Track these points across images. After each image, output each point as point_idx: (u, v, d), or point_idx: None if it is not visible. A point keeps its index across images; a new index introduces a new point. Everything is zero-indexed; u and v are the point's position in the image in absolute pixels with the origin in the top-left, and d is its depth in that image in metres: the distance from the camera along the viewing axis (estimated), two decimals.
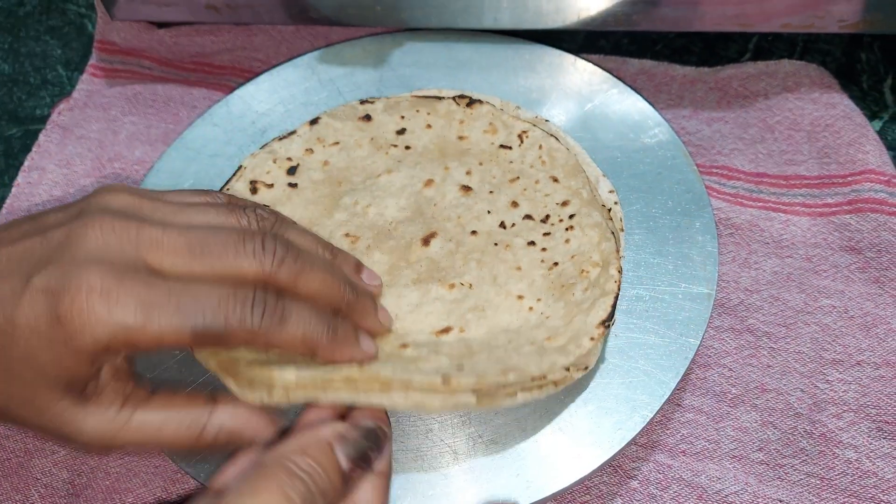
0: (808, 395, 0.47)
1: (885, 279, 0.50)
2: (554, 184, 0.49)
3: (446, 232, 0.48)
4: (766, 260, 0.52)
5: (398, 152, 0.52)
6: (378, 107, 0.54)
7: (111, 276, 0.34)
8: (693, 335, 0.45)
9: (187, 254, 0.36)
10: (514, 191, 0.49)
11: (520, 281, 0.45)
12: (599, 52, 0.64)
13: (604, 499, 0.45)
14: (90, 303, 0.33)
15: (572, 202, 0.48)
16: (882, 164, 0.54)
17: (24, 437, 0.50)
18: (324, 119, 0.54)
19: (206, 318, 0.35)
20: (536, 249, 0.47)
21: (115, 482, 0.48)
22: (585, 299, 0.43)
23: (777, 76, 0.59)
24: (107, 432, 0.36)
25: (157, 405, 0.37)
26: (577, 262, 0.45)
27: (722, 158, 0.57)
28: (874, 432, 0.46)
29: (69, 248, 0.35)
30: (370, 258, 0.47)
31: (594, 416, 0.43)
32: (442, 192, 0.50)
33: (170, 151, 0.55)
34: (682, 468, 0.45)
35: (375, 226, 0.49)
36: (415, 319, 0.44)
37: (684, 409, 0.47)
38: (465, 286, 0.45)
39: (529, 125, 0.52)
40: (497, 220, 0.48)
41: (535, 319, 0.44)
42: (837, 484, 0.44)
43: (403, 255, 0.47)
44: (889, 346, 0.48)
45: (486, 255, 0.47)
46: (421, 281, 0.46)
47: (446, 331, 0.44)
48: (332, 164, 0.52)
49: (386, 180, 0.51)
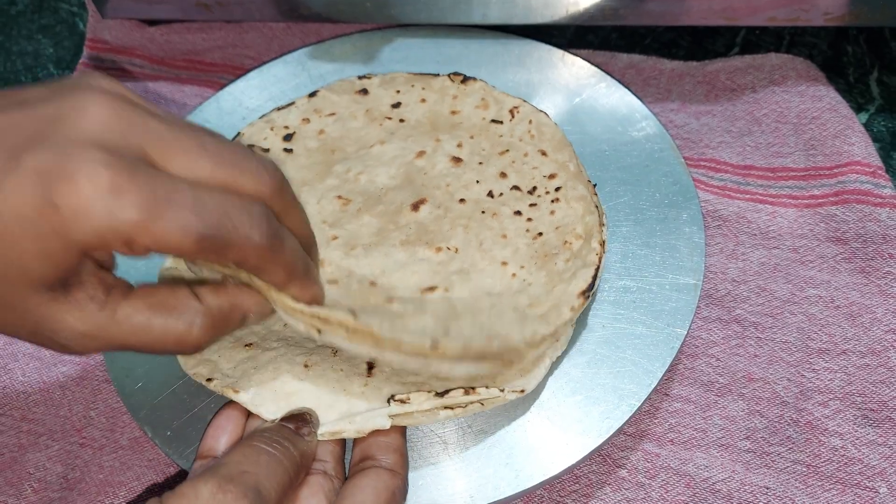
0: (794, 383, 0.48)
1: (871, 269, 0.51)
2: (542, 157, 0.50)
3: (435, 199, 0.49)
4: (754, 251, 0.53)
5: (392, 124, 0.53)
6: (375, 81, 0.55)
7: (117, 165, 0.30)
8: (680, 325, 0.45)
9: (197, 155, 0.33)
10: (503, 162, 0.50)
11: (504, 248, 0.46)
12: (588, 46, 0.64)
13: (593, 487, 0.46)
14: (92, 190, 0.29)
15: (559, 175, 0.49)
16: (867, 155, 0.54)
17: (17, 432, 0.50)
18: (322, 92, 0.55)
19: (215, 225, 0.32)
20: (522, 219, 0.47)
21: (109, 476, 0.48)
22: (567, 269, 0.44)
23: (764, 69, 0.60)
24: (92, 328, 0.33)
25: (142, 296, 0.35)
26: (561, 233, 0.46)
27: (710, 151, 0.57)
28: (860, 420, 0.46)
29: (64, 125, 0.31)
30: (360, 220, 0.48)
31: (582, 405, 0.43)
32: (433, 162, 0.51)
33: None
34: (670, 457, 0.46)
35: (366, 192, 0.49)
36: (401, 277, 0.45)
37: (672, 399, 0.48)
38: (451, 250, 0.46)
39: (520, 101, 0.53)
40: (485, 190, 0.49)
41: (517, 285, 0.45)
42: (823, 471, 0.45)
43: (392, 218, 0.48)
44: (874, 335, 0.49)
45: (473, 222, 0.47)
46: (409, 243, 0.46)
47: (431, 289, 0.44)
48: (328, 133, 0.53)
49: (378, 150, 0.52)
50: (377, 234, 0.47)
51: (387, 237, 0.47)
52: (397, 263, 0.46)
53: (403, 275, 0.45)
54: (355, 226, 0.48)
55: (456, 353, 0.40)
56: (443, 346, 0.39)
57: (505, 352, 0.41)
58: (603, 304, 0.47)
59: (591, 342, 0.45)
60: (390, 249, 0.46)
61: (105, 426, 0.50)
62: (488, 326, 0.41)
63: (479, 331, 0.41)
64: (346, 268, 0.45)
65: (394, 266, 0.45)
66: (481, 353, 0.40)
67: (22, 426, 0.50)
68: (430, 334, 0.40)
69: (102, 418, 0.50)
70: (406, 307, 0.43)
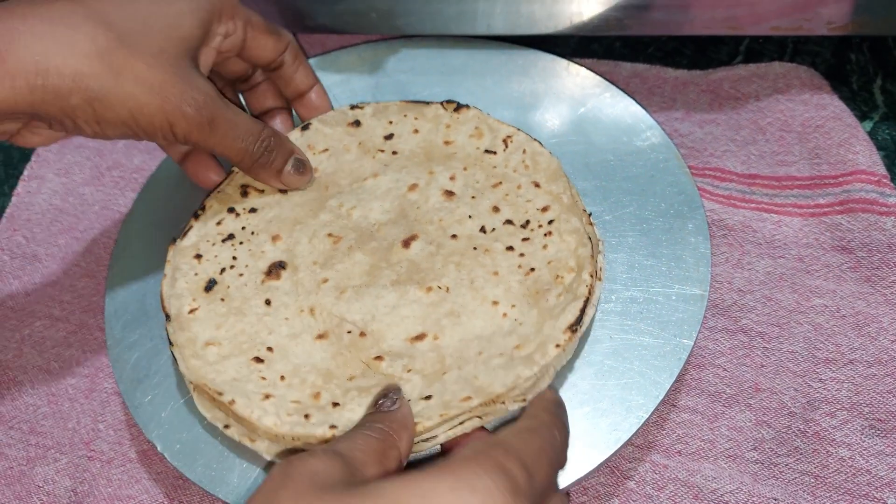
0: (801, 394, 0.48)
1: (877, 278, 0.51)
2: (535, 189, 0.50)
3: (427, 235, 0.48)
4: (759, 260, 0.53)
5: (385, 157, 0.53)
6: (367, 112, 0.55)
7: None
8: (687, 336, 0.45)
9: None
10: (497, 196, 0.50)
11: (496, 286, 0.46)
12: (592, 56, 0.64)
13: (601, 499, 0.46)
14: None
15: (552, 207, 0.48)
16: (872, 164, 0.54)
17: (25, 445, 0.50)
18: (314, 125, 0.54)
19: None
20: (515, 255, 0.47)
21: (118, 489, 0.48)
22: (558, 305, 0.44)
23: (768, 78, 0.60)
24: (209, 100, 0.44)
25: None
26: (554, 267, 0.46)
27: (714, 160, 0.57)
28: (867, 430, 0.46)
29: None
30: (352, 258, 0.48)
31: (590, 417, 0.43)
32: (425, 195, 0.50)
33: (168, 159, 0.56)
34: (677, 468, 0.46)
35: (359, 227, 0.49)
36: (390, 322, 0.45)
37: (679, 410, 0.48)
38: (442, 289, 0.46)
39: (514, 129, 0.52)
40: (478, 225, 0.49)
41: (507, 326, 0.45)
42: (831, 482, 0.45)
43: (384, 256, 0.48)
44: (881, 345, 0.49)
45: (466, 259, 0.47)
46: (400, 282, 0.46)
47: (420, 338, 0.45)
48: (322, 170, 0.53)
49: (372, 184, 0.51)
50: (368, 273, 0.47)
51: (378, 277, 0.47)
52: (388, 307, 0.46)
53: (393, 320, 0.45)
54: (347, 265, 0.48)
55: (434, 427, 0.41)
56: (420, 425, 0.40)
57: (486, 402, 0.41)
58: (610, 315, 0.47)
59: (598, 353, 0.45)
60: (381, 291, 0.46)
61: (113, 439, 0.50)
62: (471, 380, 0.42)
63: (463, 386, 0.42)
64: (338, 315, 0.46)
65: (384, 310, 0.46)
66: (459, 415, 0.41)
67: (30, 439, 0.51)
68: (417, 398, 0.42)
69: (111, 431, 0.51)
70: (395, 367, 0.43)
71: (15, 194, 0.61)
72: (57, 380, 0.53)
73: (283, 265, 0.48)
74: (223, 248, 0.49)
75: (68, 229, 0.59)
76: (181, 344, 0.45)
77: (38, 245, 0.59)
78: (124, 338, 0.49)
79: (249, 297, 0.47)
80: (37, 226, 0.60)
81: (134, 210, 0.55)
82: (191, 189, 0.54)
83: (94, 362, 0.53)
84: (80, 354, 0.54)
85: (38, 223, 0.60)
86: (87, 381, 0.52)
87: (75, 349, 0.54)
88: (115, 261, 0.52)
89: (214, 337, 0.46)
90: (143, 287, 0.51)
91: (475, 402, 0.41)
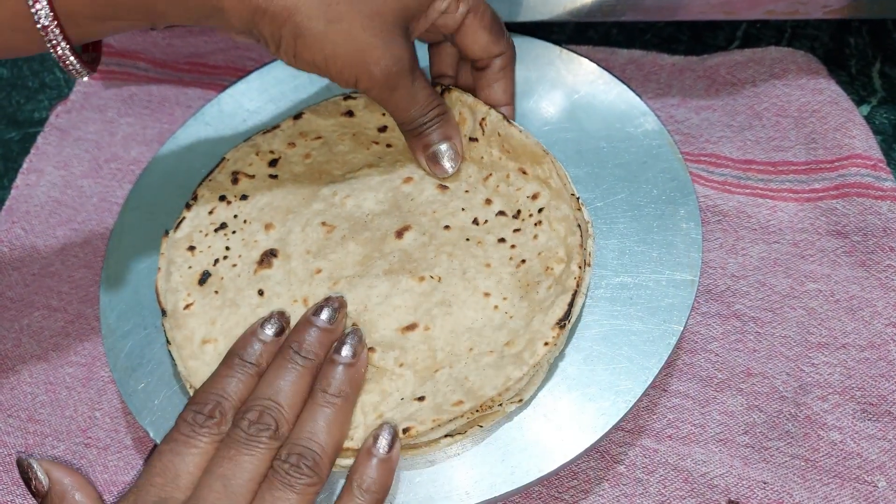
0: (793, 378, 0.48)
1: (871, 262, 0.50)
2: (523, 176, 0.49)
3: (420, 226, 0.48)
4: (754, 246, 0.53)
5: (380, 149, 0.53)
6: (360, 103, 0.55)
7: None
8: (676, 321, 0.45)
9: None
10: (489, 189, 0.50)
11: (488, 278, 0.46)
12: (588, 42, 0.64)
13: (591, 484, 0.46)
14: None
15: (542, 194, 0.48)
16: (868, 148, 0.54)
17: (24, 433, 0.51)
18: (307, 115, 0.54)
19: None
20: (506, 246, 0.47)
21: (114, 475, 0.49)
22: (548, 297, 0.44)
23: (764, 63, 0.60)
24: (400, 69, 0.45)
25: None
26: (544, 258, 0.46)
27: (710, 146, 0.57)
28: (859, 414, 0.46)
29: None
30: (345, 248, 0.48)
31: (578, 402, 0.43)
32: (420, 188, 0.50)
33: (163, 151, 0.56)
34: (668, 452, 0.46)
35: (352, 217, 0.49)
36: (382, 312, 0.45)
37: (671, 395, 0.48)
38: (434, 279, 0.46)
39: (486, 109, 0.51)
40: (471, 217, 0.49)
41: (498, 319, 0.45)
42: (822, 465, 0.45)
43: (378, 246, 0.48)
44: (874, 329, 0.48)
45: (458, 249, 0.47)
46: (392, 272, 0.46)
47: (412, 327, 0.45)
48: (314, 157, 0.53)
49: (366, 174, 0.51)
50: (361, 262, 0.47)
51: (371, 266, 0.47)
52: (380, 296, 0.46)
53: (385, 309, 0.45)
54: (340, 255, 0.48)
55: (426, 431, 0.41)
56: (414, 430, 0.41)
57: (477, 407, 0.41)
58: (600, 301, 0.47)
59: (587, 339, 0.45)
60: (374, 280, 0.46)
61: (110, 426, 0.51)
62: (463, 378, 0.42)
63: (455, 387, 0.42)
64: None
65: (376, 300, 0.46)
66: (451, 420, 0.41)
67: (28, 427, 0.51)
68: (410, 398, 0.42)
69: (107, 419, 0.51)
70: (387, 360, 0.43)
71: (14, 187, 0.62)
72: (55, 369, 0.53)
73: (275, 253, 0.48)
74: (216, 237, 0.49)
75: (66, 221, 0.60)
76: (179, 343, 0.46)
77: (36, 237, 0.59)
78: (118, 327, 0.50)
79: (243, 288, 0.47)
80: (35, 218, 0.60)
81: (129, 201, 0.55)
82: (186, 179, 0.54)
83: (90, 352, 0.54)
84: (77, 344, 0.54)
85: (36, 215, 0.60)
86: (84, 370, 0.53)
87: (73, 339, 0.54)
88: (111, 252, 0.53)
89: (210, 333, 0.46)
90: (138, 277, 0.51)
91: (467, 407, 0.41)
